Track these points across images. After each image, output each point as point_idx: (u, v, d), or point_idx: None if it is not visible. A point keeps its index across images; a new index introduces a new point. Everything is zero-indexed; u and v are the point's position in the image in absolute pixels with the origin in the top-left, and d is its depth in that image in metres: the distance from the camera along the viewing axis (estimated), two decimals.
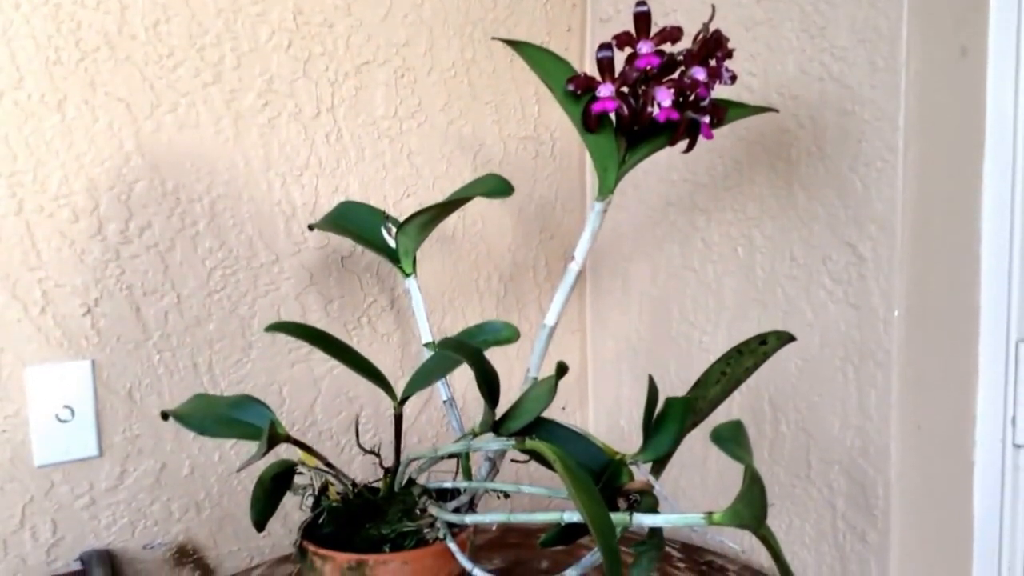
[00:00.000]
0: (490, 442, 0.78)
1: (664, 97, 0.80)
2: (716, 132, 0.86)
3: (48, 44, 0.95)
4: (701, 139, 0.85)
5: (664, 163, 1.16)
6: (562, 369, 0.74)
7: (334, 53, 1.11)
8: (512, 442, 0.76)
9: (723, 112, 0.85)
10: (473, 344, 0.76)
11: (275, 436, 0.75)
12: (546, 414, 1.25)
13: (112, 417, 1.02)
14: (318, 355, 1.14)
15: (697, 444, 1.14)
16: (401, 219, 0.93)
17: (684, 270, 1.15)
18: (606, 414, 1.31)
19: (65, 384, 0.99)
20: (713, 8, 0.82)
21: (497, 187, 0.83)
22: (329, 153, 1.12)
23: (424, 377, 0.81)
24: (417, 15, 1.16)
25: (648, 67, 0.81)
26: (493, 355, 0.82)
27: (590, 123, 0.83)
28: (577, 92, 0.83)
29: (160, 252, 1.03)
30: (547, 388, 0.74)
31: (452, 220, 1.21)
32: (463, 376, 1.14)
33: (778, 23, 0.99)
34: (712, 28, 0.83)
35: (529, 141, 1.26)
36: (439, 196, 1.20)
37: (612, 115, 0.83)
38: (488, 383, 0.75)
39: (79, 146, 0.98)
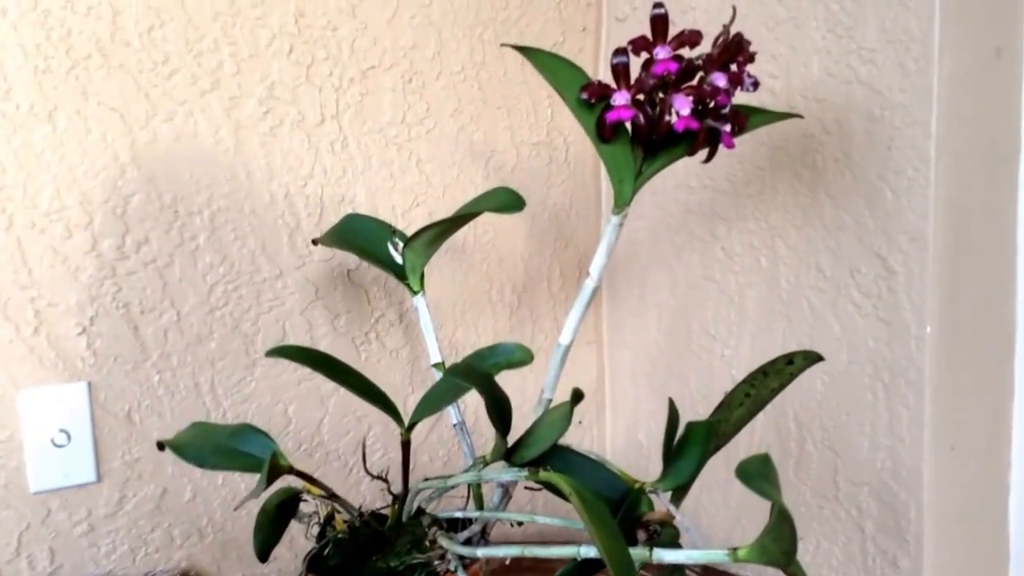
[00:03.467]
0: (502, 472, 0.74)
1: (682, 105, 0.76)
2: (737, 137, 0.82)
3: (37, 52, 0.91)
4: (722, 148, 0.81)
5: (683, 169, 1.11)
6: (577, 396, 0.69)
7: (338, 58, 1.07)
8: (525, 473, 0.72)
9: (745, 120, 0.81)
10: (483, 369, 0.72)
11: (277, 468, 0.71)
12: None
13: (110, 441, 0.98)
14: None
15: (720, 464, 1.09)
16: (410, 230, 0.89)
17: (704, 280, 1.11)
18: (624, 429, 1.27)
19: (60, 407, 0.95)
20: (734, 9, 0.77)
21: (508, 202, 0.79)
22: (334, 162, 1.08)
23: (432, 403, 0.77)
24: (425, 17, 1.11)
25: (665, 73, 0.76)
26: (505, 373, 0.78)
27: (605, 133, 0.79)
28: (591, 100, 0.78)
29: (158, 268, 0.99)
30: (561, 415, 0.70)
31: (462, 230, 1.17)
32: (474, 394, 1.10)
33: (802, 22, 0.95)
34: (733, 30, 0.78)
35: (542, 147, 1.22)
36: (450, 205, 1.15)
37: (628, 124, 0.79)
38: (499, 411, 0.71)
39: (71, 158, 0.94)
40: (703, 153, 0.82)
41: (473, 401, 1.15)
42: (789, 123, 0.97)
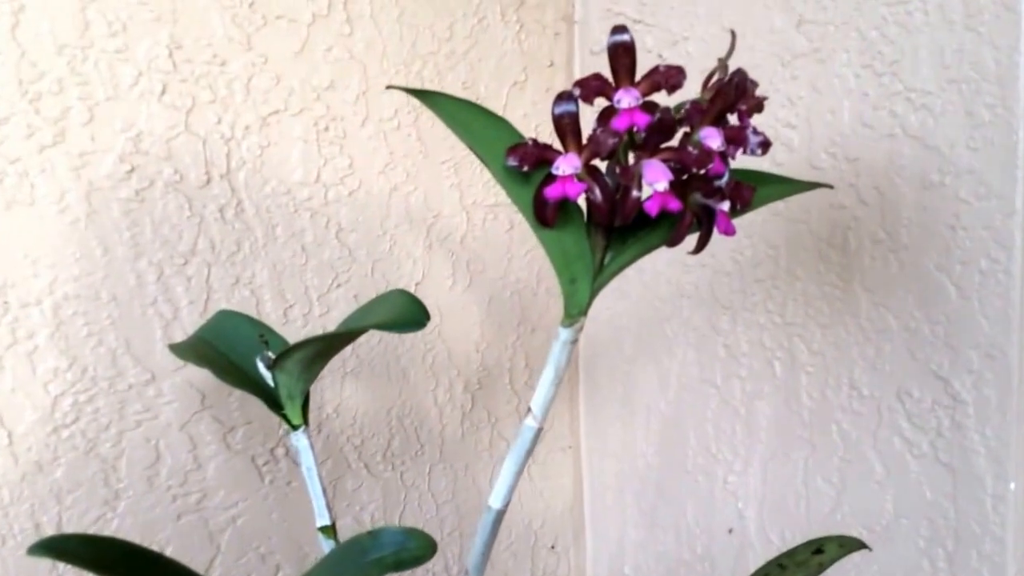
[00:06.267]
0: None
1: (657, 176, 0.51)
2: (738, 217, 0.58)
3: None
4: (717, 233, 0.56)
5: None
6: None
7: (229, 100, 0.83)
8: None
9: (750, 193, 0.56)
10: None
11: None
12: (531, 555, 0.97)
13: None
14: (215, 501, 0.86)
15: None
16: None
17: (702, 384, 0.86)
18: (608, 557, 1.02)
19: None
20: (733, 35, 0.53)
21: (401, 314, 0.54)
22: (225, 233, 0.84)
23: None
24: (344, 49, 0.87)
25: (631, 129, 0.52)
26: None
27: (545, 215, 0.55)
28: (523, 168, 0.54)
29: None
30: None
31: None
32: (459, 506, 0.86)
33: (828, 55, 0.70)
34: (734, 66, 0.54)
35: (501, 209, 0.97)
36: (381, 283, 0.91)
37: (582, 200, 0.55)
38: None
39: None
40: (691, 242, 0.58)
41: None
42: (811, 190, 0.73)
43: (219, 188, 0.83)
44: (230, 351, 0.68)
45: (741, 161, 0.58)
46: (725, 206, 0.54)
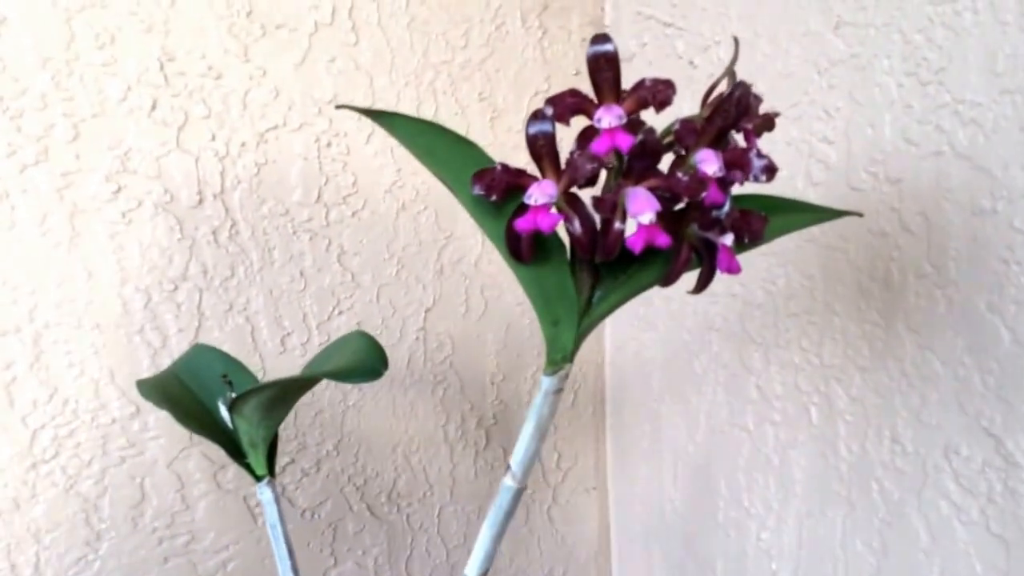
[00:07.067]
0: None
1: (641, 207, 0.44)
2: (747, 252, 0.50)
3: None
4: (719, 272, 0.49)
5: None
6: None
7: (224, 116, 0.77)
8: None
9: (760, 224, 0.48)
10: None
11: None
12: None
13: None
14: (204, 544, 0.80)
15: None
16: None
17: (733, 428, 0.78)
18: None
19: None
20: (736, 42, 0.45)
21: (360, 361, 0.47)
22: (218, 257, 0.78)
23: None
24: (350, 59, 0.81)
25: (614, 153, 0.45)
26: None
27: (519, 249, 0.47)
28: (491, 197, 0.47)
29: None
30: None
31: (406, 342, 0.86)
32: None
33: (868, 61, 0.62)
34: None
35: None
36: (387, 310, 0.85)
37: (562, 232, 0.48)
38: None
39: None
40: (689, 281, 0.50)
41: None
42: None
43: (212, 209, 0.78)
44: (201, 391, 0.62)
45: (758, 186, 0.50)
46: (728, 239, 0.47)
